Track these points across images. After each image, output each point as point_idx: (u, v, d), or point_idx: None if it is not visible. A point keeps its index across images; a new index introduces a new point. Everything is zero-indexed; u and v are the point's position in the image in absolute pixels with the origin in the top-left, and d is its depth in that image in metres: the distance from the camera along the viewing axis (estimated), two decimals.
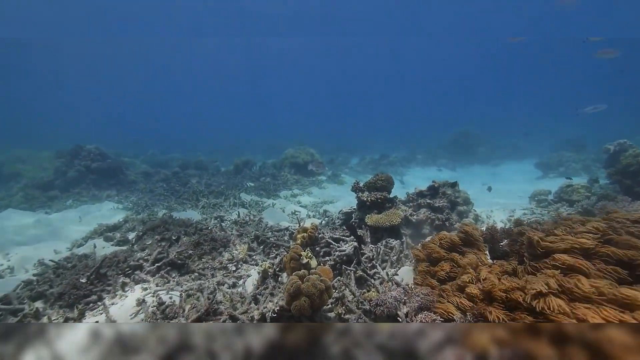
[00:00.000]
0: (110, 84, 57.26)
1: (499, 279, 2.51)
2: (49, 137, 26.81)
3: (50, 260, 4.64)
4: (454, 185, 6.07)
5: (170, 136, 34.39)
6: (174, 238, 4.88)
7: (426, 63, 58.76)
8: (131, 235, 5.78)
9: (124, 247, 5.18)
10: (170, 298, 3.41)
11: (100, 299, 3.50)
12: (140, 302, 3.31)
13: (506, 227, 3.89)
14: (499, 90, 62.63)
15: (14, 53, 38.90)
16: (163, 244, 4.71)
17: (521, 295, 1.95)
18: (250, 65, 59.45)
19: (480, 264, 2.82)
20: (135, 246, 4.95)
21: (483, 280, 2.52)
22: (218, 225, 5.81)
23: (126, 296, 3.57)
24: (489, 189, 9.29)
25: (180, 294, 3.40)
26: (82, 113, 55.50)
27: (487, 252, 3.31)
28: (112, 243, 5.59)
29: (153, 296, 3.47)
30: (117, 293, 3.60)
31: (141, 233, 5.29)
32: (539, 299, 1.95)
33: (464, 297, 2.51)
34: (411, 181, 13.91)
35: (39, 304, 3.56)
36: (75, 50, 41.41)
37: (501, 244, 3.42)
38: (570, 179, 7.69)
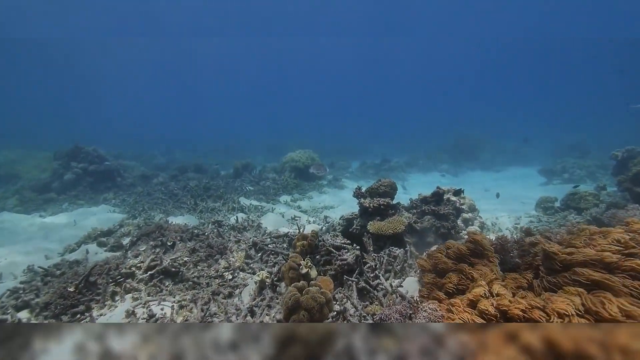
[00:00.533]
0: (110, 83, 57.56)
1: (514, 295, 2.34)
2: (51, 137, 26.75)
3: (39, 266, 4.46)
4: (458, 192, 5.90)
5: (170, 136, 34.36)
6: (169, 244, 4.70)
7: (426, 65, 59.10)
8: (126, 241, 5.60)
9: (117, 253, 5.00)
10: (162, 309, 3.22)
11: (89, 309, 3.31)
12: (130, 314, 3.12)
13: (516, 237, 3.71)
14: (500, 92, 62.75)
15: (19, 53, 39.10)
16: (157, 250, 4.54)
17: (543, 316, 1.77)
18: (251, 65, 59.82)
19: (493, 276, 2.63)
20: (128, 252, 4.78)
21: (496, 295, 2.33)
22: (215, 230, 5.63)
23: (116, 306, 3.39)
24: (497, 195, 9.07)
25: (172, 305, 3.22)
26: (83, 113, 55.65)
27: (497, 264, 3.12)
28: (105, 249, 5.40)
29: (144, 307, 3.29)
30: (106, 303, 3.42)
31: (135, 239, 5.12)
32: (563, 319, 1.77)
33: (475, 313, 2.32)
34: (413, 187, 13.72)
35: (23, 314, 3.38)
36: (76, 50, 41.65)
37: (511, 254, 3.24)
38: (577, 186, 7.50)
